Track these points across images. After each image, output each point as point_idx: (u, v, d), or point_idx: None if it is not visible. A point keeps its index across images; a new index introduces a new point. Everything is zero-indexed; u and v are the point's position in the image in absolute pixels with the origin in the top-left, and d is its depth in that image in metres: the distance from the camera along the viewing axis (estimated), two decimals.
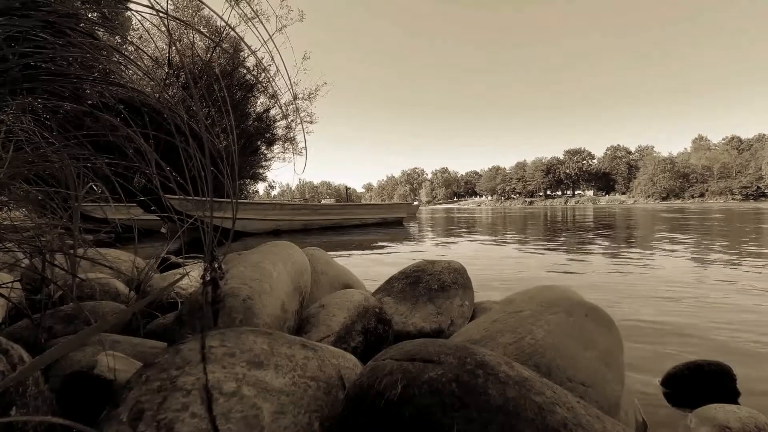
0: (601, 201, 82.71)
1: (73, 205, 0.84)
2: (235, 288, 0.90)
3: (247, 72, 11.83)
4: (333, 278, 1.56)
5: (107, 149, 0.86)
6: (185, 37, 8.60)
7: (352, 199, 21.81)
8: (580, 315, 0.90)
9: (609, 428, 0.53)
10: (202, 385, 0.54)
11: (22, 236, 0.89)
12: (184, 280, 1.54)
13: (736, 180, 69.55)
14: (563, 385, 0.74)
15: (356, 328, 1.07)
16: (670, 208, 27.52)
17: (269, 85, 9.42)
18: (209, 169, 0.65)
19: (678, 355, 1.37)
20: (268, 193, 25.19)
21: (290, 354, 0.66)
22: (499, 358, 0.60)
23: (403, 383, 0.54)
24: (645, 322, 1.80)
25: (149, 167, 0.80)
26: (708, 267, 3.33)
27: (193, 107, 0.69)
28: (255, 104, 14.32)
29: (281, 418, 0.55)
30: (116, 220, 1.18)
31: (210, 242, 0.69)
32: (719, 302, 2.14)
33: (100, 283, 1.37)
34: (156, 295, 0.50)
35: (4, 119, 0.80)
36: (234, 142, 0.67)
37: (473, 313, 1.48)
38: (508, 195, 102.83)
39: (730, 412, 0.89)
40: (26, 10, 0.67)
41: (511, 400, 0.51)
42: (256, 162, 15.49)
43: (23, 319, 1.02)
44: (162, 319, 1.22)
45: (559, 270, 3.36)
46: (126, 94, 0.87)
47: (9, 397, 0.51)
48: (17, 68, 0.69)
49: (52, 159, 0.81)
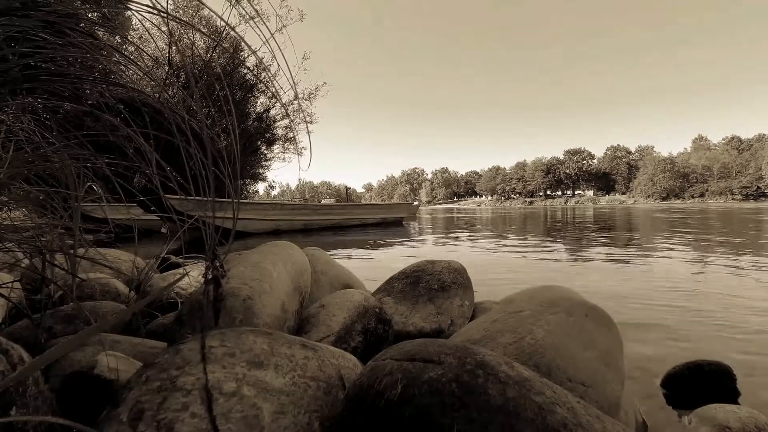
0: (601, 201, 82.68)
1: (73, 205, 0.84)
2: (235, 288, 0.90)
3: (247, 72, 11.84)
4: (333, 278, 1.56)
5: (107, 149, 0.86)
6: (185, 37, 8.60)
7: (352, 199, 21.82)
8: (580, 315, 0.90)
9: (609, 428, 0.53)
10: (202, 385, 0.54)
11: (22, 236, 0.89)
12: (184, 280, 1.54)
13: (736, 180, 69.53)
14: (563, 385, 0.74)
15: (356, 328, 1.07)
16: (670, 208, 27.53)
17: (270, 85, 9.43)
18: (210, 168, 0.65)
19: (678, 355, 1.37)
20: (268, 193, 25.21)
21: (290, 354, 0.66)
22: (499, 358, 0.60)
23: (403, 383, 0.54)
24: (645, 322, 1.80)
25: (149, 167, 0.80)
26: (708, 267, 3.33)
27: (194, 107, 0.69)
28: (255, 104, 14.33)
29: (281, 418, 0.55)
30: (116, 220, 1.18)
31: (211, 241, 0.69)
32: (719, 302, 2.14)
33: (100, 283, 1.37)
34: (156, 295, 0.50)
35: (4, 119, 0.80)
36: (236, 141, 0.67)
37: (473, 313, 1.48)
38: (508, 195, 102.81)
39: (730, 412, 0.89)
40: (26, 10, 0.67)
41: (511, 400, 0.51)
42: (256, 162, 15.50)
43: (23, 319, 1.02)
44: (162, 319, 1.22)
45: (559, 270, 3.36)
46: (126, 94, 0.87)
47: (9, 397, 0.51)
48: (17, 68, 0.69)
49: (52, 159, 0.81)
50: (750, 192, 67.32)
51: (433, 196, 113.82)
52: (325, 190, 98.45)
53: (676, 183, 76.31)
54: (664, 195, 76.20)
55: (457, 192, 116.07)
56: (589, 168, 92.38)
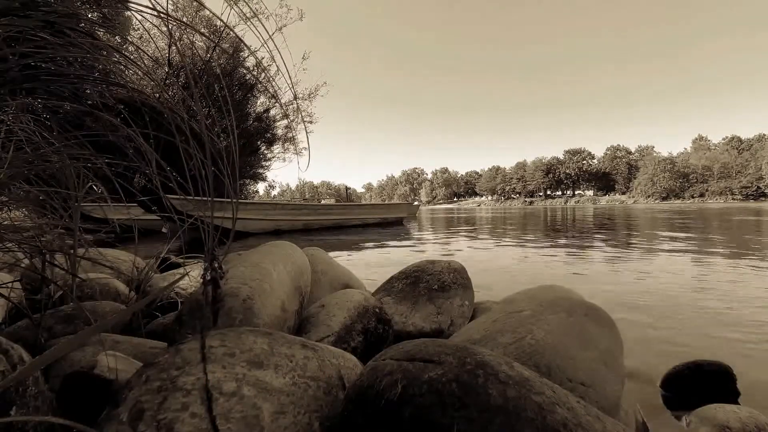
0: (601, 201, 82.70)
1: (73, 205, 0.84)
2: (234, 288, 0.90)
3: (247, 72, 11.84)
4: (333, 278, 1.57)
5: (107, 149, 0.86)
6: (185, 37, 8.60)
7: (352, 199, 21.81)
8: (580, 315, 0.90)
9: (609, 428, 0.53)
10: (202, 385, 0.54)
11: (22, 236, 0.89)
12: (184, 280, 1.54)
13: (736, 180, 69.53)
14: (563, 385, 0.74)
15: (356, 328, 1.07)
16: (671, 208, 27.54)
17: (269, 85, 9.44)
18: (210, 168, 0.65)
19: (678, 355, 1.37)
20: (268, 193, 25.22)
21: (290, 354, 0.66)
22: (500, 358, 0.60)
23: (403, 383, 0.54)
24: (645, 323, 1.80)
25: (149, 167, 0.80)
26: (708, 266, 3.33)
27: (193, 107, 0.69)
28: (255, 104, 14.32)
29: (281, 418, 0.55)
30: (116, 220, 1.18)
31: (211, 242, 0.69)
32: (719, 302, 2.14)
33: (100, 283, 1.36)
34: (156, 295, 0.50)
35: (4, 119, 0.80)
36: (234, 141, 0.67)
37: (473, 313, 1.48)
38: (508, 195, 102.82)
39: (730, 412, 0.89)
40: (26, 10, 0.67)
41: (511, 400, 0.51)
42: (256, 162, 15.50)
43: (23, 319, 1.02)
44: (162, 319, 1.22)
45: (560, 270, 3.36)
46: (126, 94, 0.87)
47: (9, 397, 0.51)
48: (17, 68, 0.69)
49: (52, 159, 0.81)
50: (750, 192, 67.31)
51: (433, 196, 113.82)
52: (325, 190, 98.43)
53: (676, 183, 76.31)
54: (664, 195, 76.20)
55: (457, 192, 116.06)
56: (589, 168, 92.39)
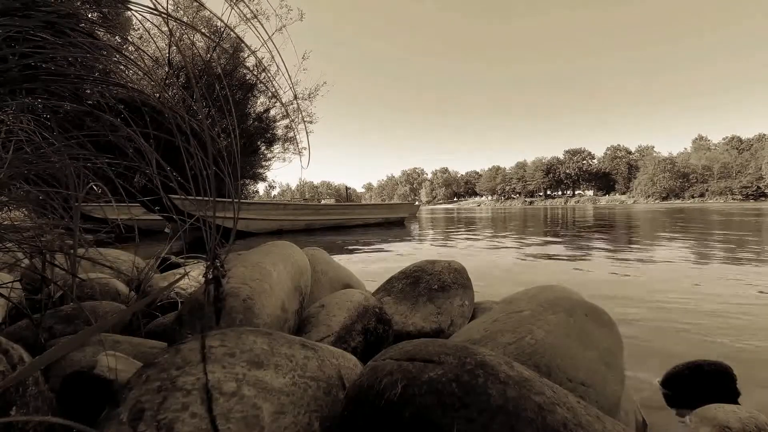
0: (601, 201, 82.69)
1: (74, 205, 0.84)
2: (235, 288, 0.90)
3: (247, 72, 11.84)
4: (333, 278, 1.56)
5: (107, 149, 0.86)
6: (185, 37, 8.60)
7: (353, 199, 21.80)
8: (581, 315, 0.90)
9: (609, 428, 0.53)
10: (202, 385, 0.54)
11: (22, 236, 0.89)
12: (184, 280, 1.54)
13: (736, 180, 69.53)
14: (563, 385, 0.74)
15: (356, 328, 1.07)
16: (671, 208, 27.52)
17: (270, 85, 9.43)
18: (211, 168, 0.65)
19: (678, 355, 1.37)
20: (268, 192, 25.23)
21: (290, 354, 0.66)
22: (500, 358, 0.60)
23: (403, 383, 0.54)
24: (645, 322, 1.80)
25: (150, 167, 0.80)
26: (708, 266, 3.33)
27: (194, 107, 0.69)
28: (255, 104, 14.32)
29: (281, 418, 0.55)
30: (117, 220, 1.18)
31: (212, 241, 0.69)
32: (719, 302, 2.14)
33: (100, 283, 1.36)
34: (156, 295, 0.50)
35: (4, 119, 0.80)
36: (236, 141, 0.67)
37: (473, 313, 1.48)
38: (508, 195, 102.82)
39: (730, 412, 0.89)
40: (26, 10, 0.67)
41: (511, 400, 0.51)
42: (256, 162, 15.50)
43: (23, 319, 1.02)
44: (162, 319, 1.22)
45: (560, 270, 3.36)
46: (126, 94, 0.87)
47: (9, 397, 0.51)
48: (17, 68, 0.69)
49: (52, 159, 0.81)
50: (750, 192, 67.31)
51: (433, 196, 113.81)
52: (325, 190, 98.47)
53: (676, 183, 76.31)
54: (664, 195, 76.20)
55: (457, 192, 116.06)
56: (589, 168, 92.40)
